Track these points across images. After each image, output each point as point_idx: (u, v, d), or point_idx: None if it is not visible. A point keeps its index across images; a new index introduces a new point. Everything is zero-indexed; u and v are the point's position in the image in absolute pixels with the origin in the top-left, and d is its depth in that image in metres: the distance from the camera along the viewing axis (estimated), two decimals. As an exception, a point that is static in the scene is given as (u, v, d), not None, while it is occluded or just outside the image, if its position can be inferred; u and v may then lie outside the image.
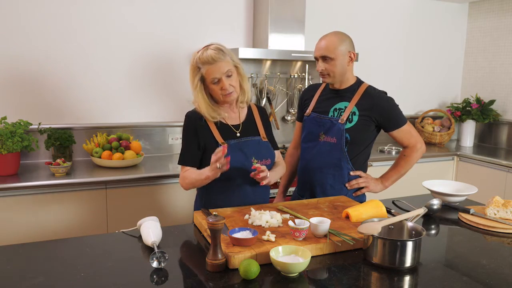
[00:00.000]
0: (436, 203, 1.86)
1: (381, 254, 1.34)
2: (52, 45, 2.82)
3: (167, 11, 3.09)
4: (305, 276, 1.29)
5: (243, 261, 1.25)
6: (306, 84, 3.51)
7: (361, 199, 2.08)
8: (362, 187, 2.06)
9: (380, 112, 1.97)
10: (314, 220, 1.49)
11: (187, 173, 1.81)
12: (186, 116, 1.85)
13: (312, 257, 1.35)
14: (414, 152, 2.06)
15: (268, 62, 3.43)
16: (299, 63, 3.54)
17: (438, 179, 2.25)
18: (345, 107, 2.00)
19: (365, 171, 2.09)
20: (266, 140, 1.91)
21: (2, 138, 2.40)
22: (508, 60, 3.91)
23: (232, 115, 1.88)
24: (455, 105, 4.10)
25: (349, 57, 1.97)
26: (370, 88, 2.02)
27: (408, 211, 1.75)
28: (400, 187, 2.44)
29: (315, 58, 2.00)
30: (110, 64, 2.99)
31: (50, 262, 1.38)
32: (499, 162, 3.35)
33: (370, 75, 3.22)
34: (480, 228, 1.72)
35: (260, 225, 1.55)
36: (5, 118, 2.49)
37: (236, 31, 3.32)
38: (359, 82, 2.06)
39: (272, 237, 1.42)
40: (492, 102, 3.90)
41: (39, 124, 2.73)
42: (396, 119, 2.00)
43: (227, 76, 1.74)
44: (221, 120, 1.83)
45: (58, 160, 2.49)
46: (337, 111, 2.02)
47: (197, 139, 1.81)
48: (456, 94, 4.35)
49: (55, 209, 2.39)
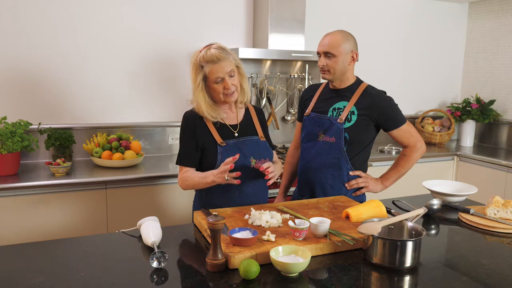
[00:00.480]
0: (436, 203, 1.86)
1: (381, 254, 1.34)
2: (52, 45, 2.82)
3: (167, 11, 3.09)
4: (305, 276, 1.29)
5: (243, 261, 1.25)
6: (306, 84, 3.51)
7: (361, 199, 2.07)
8: (362, 187, 2.06)
9: (379, 111, 1.97)
10: (314, 220, 1.49)
11: (187, 174, 1.81)
12: (184, 116, 1.85)
13: (312, 257, 1.35)
14: (414, 152, 2.05)
15: (268, 62, 3.43)
16: (299, 63, 3.54)
17: (438, 179, 2.25)
18: (344, 106, 2.00)
19: (365, 171, 2.09)
20: (264, 140, 1.92)
21: (2, 138, 2.40)
22: (508, 60, 3.91)
23: (230, 115, 1.88)
24: (455, 105, 4.10)
25: (351, 56, 1.97)
26: (370, 88, 2.02)
27: (408, 211, 1.75)
28: (400, 187, 2.44)
29: (318, 53, 2.01)
30: (110, 64, 2.99)
31: (50, 262, 1.38)
32: (499, 162, 3.35)
33: (370, 74, 3.22)
34: (480, 228, 1.72)
35: (260, 225, 1.55)
36: (5, 118, 2.49)
37: (236, 31, 3.32)
38: (359, 81, 2.05)
39: (272, 237, 1.42)
40: (492, 102, 3.90)
41: (39, 124, 2.73)
42: (396, 118, 2.00)
43: (230, 76, 1.75)
44: (220, 120, 1.83)
45: (58, 160, 2.49)
46: (336, 110, 2.02)
47: (195, 140, 1.81)
48: (456, 94, 4.35)
49: (55, 209, 2.39)
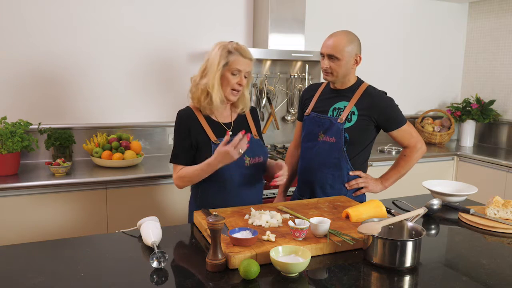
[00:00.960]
0: (436, 203, 1.86)
1: (381, 254, 1.34)
2: (52, 45, 2.82)
3: (167, 11, 3.09)
4: (305, 276, 1.29)
5: (243, 261, 1.25)
6: (306, 84, 3.50)
7: (361, 199, 2.07)
8: (362, 187, 2.06)
9: (379, 112, 1.97)
10: (314, 220, 1.49)
11: (183, 171, 1.81)
12: (178, 114, 1.87)
13: (312, 257, 1.35)
14: (414, 152, 2.05)
15: (268, 62, 3.43)
16: (299, 63, 3.54)
17: (438, 179, 2.25)
18: (345, 106, 2.00)
19: (365, 171, 2.09)
20: (258, 138, 1.93)
21: (2, 138, 2.40)
22: (508, 60, 3.91)
23: (223, 114, 1.90)
24: (455, 105, 4.10)
25: (355, 60, 1.97)
26: (370, 88, 2.02)
27: (408, 211, 1.75)
28: (400, 187, 2.44)
29: (321, 53, 1.99)
30: (110, 64, 2.99)
31: (50, 262, 1.38)
32: (499, 162, 3.35)
33: (370, 74, 3.22)
34: (480, 228, 1.72)
35: (260, 225, 1.55)
36: (5, 118, 2.49)
37: (236, 31, 3.32)
38: (359, 82, 2.05)
39: (272, 237, 1.42)
40: (492, 102, 3.90)
41: (39, 124, 2.73)
42: (396, 119, 2.00)
43: (244, 76, 1.82)
44: (214, 118, 1.86)
45: (58, 160, 2.49)
46: (337, 110, 2.01)
47: (189, 138, 1.82)
48: (456, 94, 4.35)
49: (55, 209, 2.39)
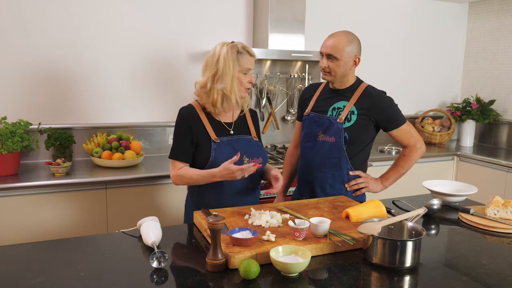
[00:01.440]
0: (436, 203, 1.86)
1: (381, 254, 1.34)
2: (52, 45, 2.82)
3: (167, 11, 3.09)
4: (305, 276, 1.29)
5: (243, 261, 1.25)
6: (306, 84, 3.50)
7: (361, 199, 2.07)
8: (362, 187, 2.06)
9: (379, 111, 1.97)
10: (314, 220, 1.49)
11: (183, 171, 1.81)
12: (180, 111, 1.88)
13: (312, 257, 1.35)
14: (413, 152, 2.05)
15: (268, 62, 3.43)
16: (299, 63, 3.53)
17: (438, 179, 2.25)
18: (344, 106, 2.00)
19: (365, 171, 2.09)
20: (257, 140, 1.94)
21: (2, 138, 2.40)
22: (508, 60, 3.91)
23: (227, 113, 1.91)
24: (455, 105, 4.10)
25: (354, 61, 1.97)
26: (370, 88, 2.02)
27: (408, 211, 1.75)
28: (400, 187, 2.44)
29: (320, 53, 2.00)
30: (110, 64, 2.99)
31: (50, 262, 1.38)
32: (499, 162, 3.35)
33: (370, 74, 3.21)
34: (480, 228, 1.72)
35: (260, 225, 1.55)
36: (5, 118, 2.49)
37: (236, 31, 3.32)
38: (359, 81, 2.05)
39: (272, 237, 1.43)
40: (492, 102, 3.90)
41: (39, 124, 2.73)
42: (395, 118, 2.00)
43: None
44: (216, 117, 1.87)
45: (58, 160, 2.49)
46: (336, 110, 2.01)
47: (190, 135, 1.83)
48: (456, 94, 4.35)
49: (55, 209, 2.39)
